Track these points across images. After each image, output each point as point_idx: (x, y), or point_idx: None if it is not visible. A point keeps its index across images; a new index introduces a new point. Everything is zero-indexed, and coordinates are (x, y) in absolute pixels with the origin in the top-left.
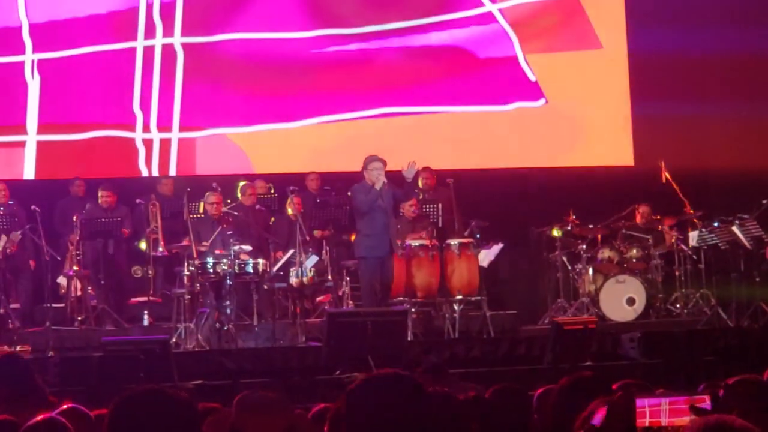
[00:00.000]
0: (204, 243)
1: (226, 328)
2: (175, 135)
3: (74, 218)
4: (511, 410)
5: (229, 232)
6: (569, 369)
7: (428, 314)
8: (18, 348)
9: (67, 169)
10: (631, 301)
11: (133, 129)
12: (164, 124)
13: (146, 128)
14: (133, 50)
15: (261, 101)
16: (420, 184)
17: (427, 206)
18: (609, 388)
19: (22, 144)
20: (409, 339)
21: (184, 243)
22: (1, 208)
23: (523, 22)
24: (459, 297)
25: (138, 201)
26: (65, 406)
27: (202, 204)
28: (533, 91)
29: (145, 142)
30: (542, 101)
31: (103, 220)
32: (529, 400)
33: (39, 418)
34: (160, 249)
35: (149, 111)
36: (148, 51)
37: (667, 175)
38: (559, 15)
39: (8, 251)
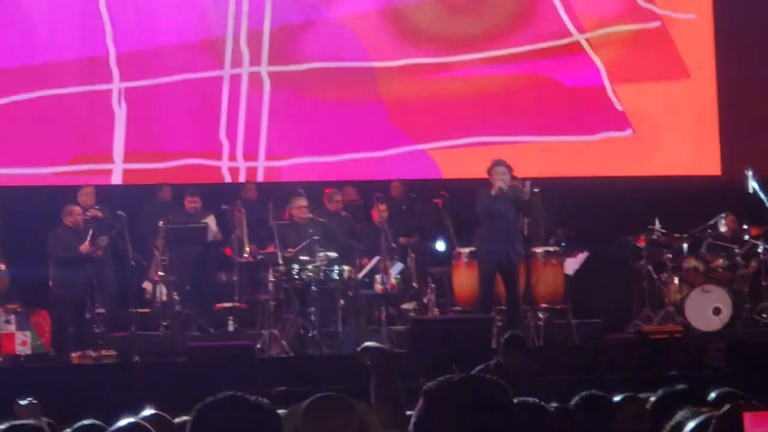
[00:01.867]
0: (290, 249)
1: (310, 334)
2: (261, 164)
3: (160, 223)
4: (597, 418)
5: (315, 238)
6: (655, 378)
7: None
8: (103, 353)
9: None
10: (717, 311)
11: (219, 157)
12: (250, 153)
13: (232, 157)
14: (219, 79)
15: (347, 130)
16: None
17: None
18: (699, 398)
19: (108, 172)
20: (493, 346)
21: (270, 249)
22: (88, 213)
23: (610, 51)
24: (544, 305)
25: (223, 207)
26: (149, 412)
27: (287, 210)
28: (620, 121)
29: (231, 171)
30: (629, 131)
31: (188, 225)
32: (614, 408)
33: (123, 422)
34: (245, 255)
35: (235, 139)
36: (235, 80)
37: (754, 184)
38: (647, 45)
39: (95, 255)
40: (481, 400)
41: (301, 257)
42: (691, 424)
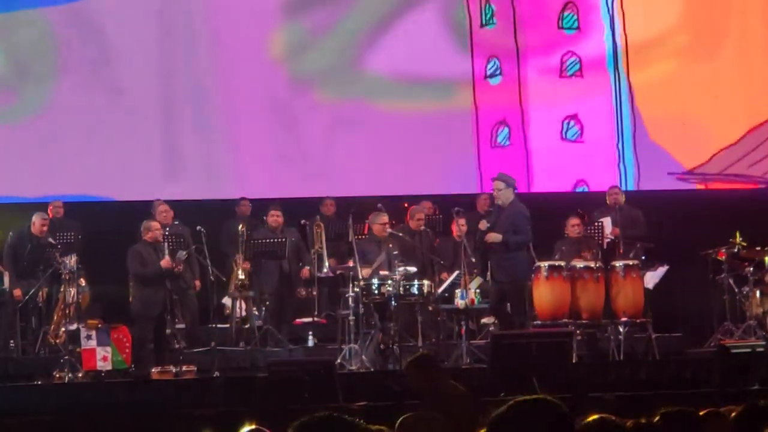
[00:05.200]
0: (368, 267)
1: (390, 349)
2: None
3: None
4: None
5: (394, 253)
6: (737, 393)
7: (593, 336)
8: (183, 368)
9: None
10: None
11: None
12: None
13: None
14: None
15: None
16: (607, 201)
17: (592, 227)
18: None
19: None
20: (573, 361)
21: (349, 264)
22: (167, 229)
23: None
24: (624, 319)
25: (303, 222)
26: (248, 428)
27: (367, 225)
28: None
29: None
30: None
31: (269, 240)
32: (699, 423)
33: None
34: (325, 270)
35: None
36: None
37: None
38: None
39: (175, 270)
40: (541, 423)
41: (381, 272)
42: None
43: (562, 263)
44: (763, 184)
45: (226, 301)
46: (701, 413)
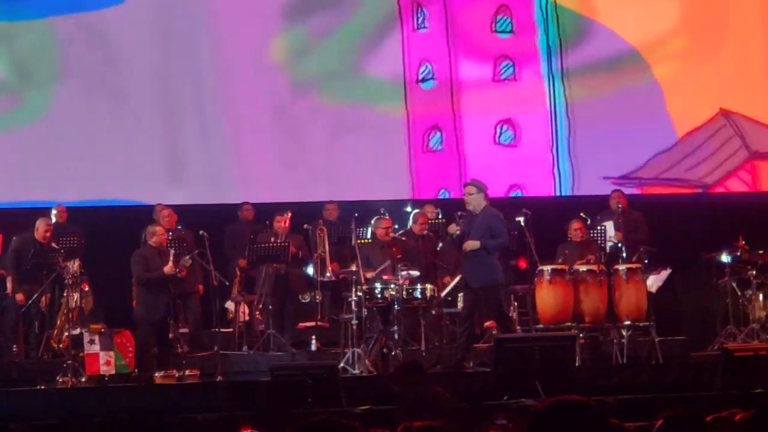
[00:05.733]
0: (371, 271)
1: (393, 353)
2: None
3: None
4: None
5: (398, 257)
6: (740, 396)
7: (596, 339)
8: (186, 372)
9: None
10: None
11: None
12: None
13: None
14: None
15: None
16: (612, 205)
17: (594, 231)
18: None
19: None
20: (576, 364)
21: (352, 268)
22: (170, 233)
23: None
24: (627, 322)
25: (305, 226)
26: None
27: (369, 229)
28: None
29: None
30: None
31: (271, 244)
32: (702, 427)
33: None
34: (328, 274)
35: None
36: None
37: None
38: None
39: (179, 275)
40: (579, 423)
41: (384, 276)
42: None
43: (565, 267)
44: (700, 189)
45: (229, 305)
46: (707, 418)
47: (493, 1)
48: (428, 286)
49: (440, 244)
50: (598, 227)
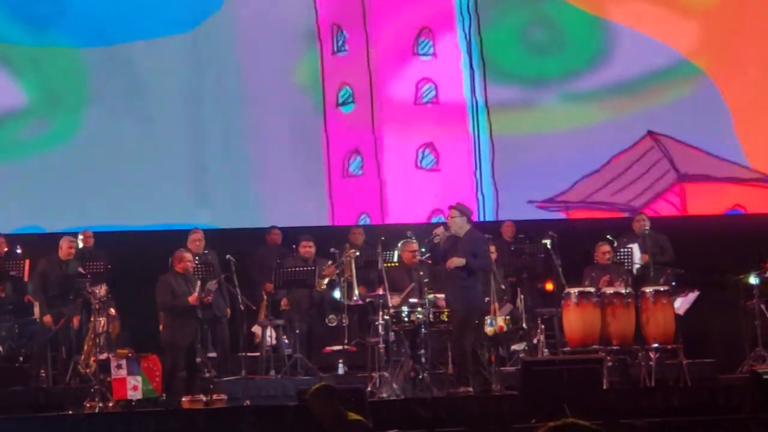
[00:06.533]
0: (398, 294)
1: (420, 376)
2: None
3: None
4: None
5: (425, 281)
6: None
7: (624, 362)
8: (213, 397)
9: None
10: None
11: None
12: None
13: None
14: None
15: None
16: (634, 227)
17: (622, 254)
18: None
19: None
20: (604, 387)
21: (379, 291)
22: (197, 258)
23: None
24: (655, 345)
25: (332, 250)
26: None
27: (396, 253)
28: None
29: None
30: None
31: (298, 269)
32: None
33: None
34: (355, 298)
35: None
36: None
37: None
38: None
39: (205, 300)
40: None
41: (411, 299)
42: None
43: (592, 289)
44: (627, 212)
45: (256, 329)
46: None
47: (415, 23)
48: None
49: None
50: (623, 249)
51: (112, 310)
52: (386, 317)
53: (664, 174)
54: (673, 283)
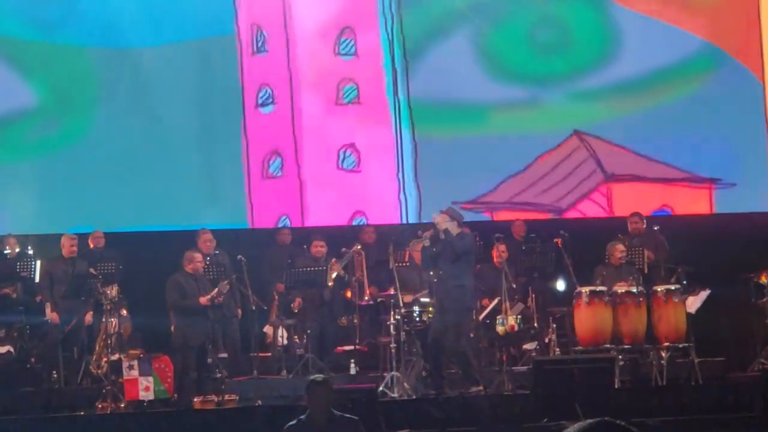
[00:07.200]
0: (409, 293)
1: (431, 376)
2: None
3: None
4: None
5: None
6: None
7: (635, 361)
8: (225, 397)
9: None
10: None
11: None
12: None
13: None
14: None
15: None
16: (629, 228)
17: (634, 252)
18: None
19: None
20: (616, 386)
21: (390, 291)
22: (208, 258)
23: None
24: (666, 344)
25: (343, 250)
26: None
27: (407, 252)
28: None
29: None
30: None
31: (309, 269)
32: None
33: None
34: (366, 298)
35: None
36: None
37: None
38: None
39: (216, 301)
40: None
41: (422, 299)
42: None
43: (604, 288)
44: (553, 213)
45: (268, 329)
46: None
47: (336, 23)
48: None
49: (478, 267)
50: (637, 249)
51: (124, 311)
52: (398, 317)
53: (591, 174)
54: (685, 282)
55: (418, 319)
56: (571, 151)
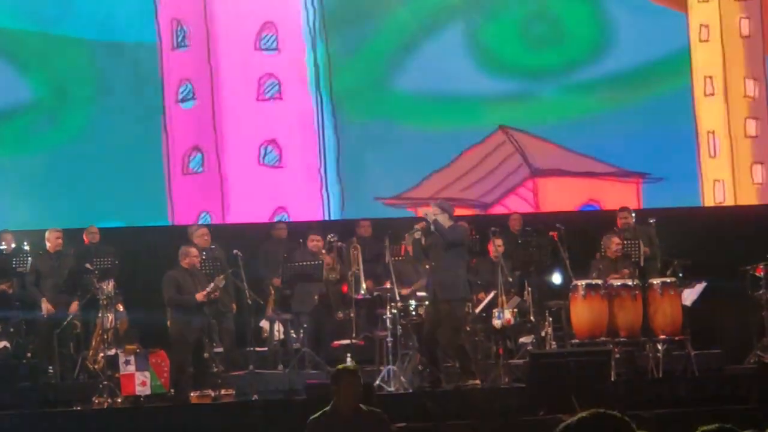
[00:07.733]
0: (406, 288)
1: (428, 370)
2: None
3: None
4: None
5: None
6: None
7: (631, 354)
8: (222, 392)
9: None
10: None
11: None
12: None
13: None
14: None
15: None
16: (618, 223)
17: (629, 245)
18: None
19: None
20: (612, 379)
21: (386, 285)
22: (204, 253)
23: None
24: (662, 336)
25: (339, 244)
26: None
27: (403, 246)
28: None
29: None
30: None
31: (305, 263)
32: None
33: None
34: (362, 292)
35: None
36: None
37: None
38: None
39: (212, 296)
40: None
41: (419, 293)
42: None
43: (600, 281)
44: (479, 209)
45: (264, 324)
46: None
47: (257, 18)
48: None
49: (474, 261)
50: (632, 242)
51: (120, 306)
52: (394, 311)
53: (517, 168)
54: (681, 275)
55: (414, 312)
56: (497, 146)
